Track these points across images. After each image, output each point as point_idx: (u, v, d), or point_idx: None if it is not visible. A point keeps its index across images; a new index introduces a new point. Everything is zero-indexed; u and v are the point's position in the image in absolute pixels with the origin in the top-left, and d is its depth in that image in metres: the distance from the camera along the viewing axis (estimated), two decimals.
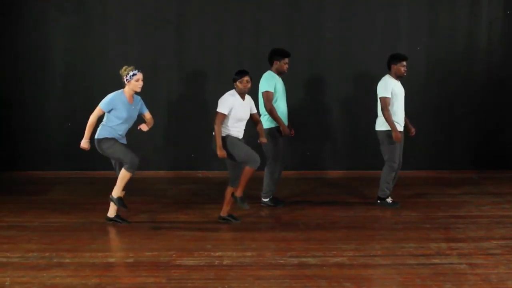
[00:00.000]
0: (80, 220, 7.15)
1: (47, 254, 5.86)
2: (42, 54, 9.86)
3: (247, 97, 6.98)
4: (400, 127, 7.78)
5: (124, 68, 6.82)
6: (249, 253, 5.87)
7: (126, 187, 6.85)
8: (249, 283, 5.11)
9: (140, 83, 6.80)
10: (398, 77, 7.79)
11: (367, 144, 9.96)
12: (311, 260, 5.68)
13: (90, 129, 6.76)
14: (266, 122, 7.64)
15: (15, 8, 9.76)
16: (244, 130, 7.01)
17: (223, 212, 7.08)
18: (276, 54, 7.72)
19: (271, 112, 7.56)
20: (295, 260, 5.68)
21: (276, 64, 7.71)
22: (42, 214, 7.44)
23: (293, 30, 9.87)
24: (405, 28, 9.91)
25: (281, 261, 5.66)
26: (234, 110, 6.80)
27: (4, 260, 5.70)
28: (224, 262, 5.63)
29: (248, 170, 6.76)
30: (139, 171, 8.79)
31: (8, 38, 9.80)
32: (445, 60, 9.97)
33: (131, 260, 5.72)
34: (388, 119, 7.60)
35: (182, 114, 9.97)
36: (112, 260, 5.75)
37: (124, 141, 6.92)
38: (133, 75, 6.75)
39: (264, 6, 9.85)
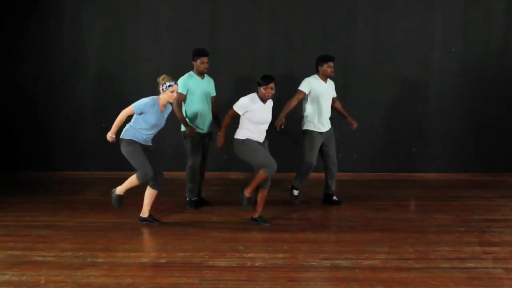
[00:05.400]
0: (114, 220, 7.24)
1: (81, 253, 5.94)
2: (76, 56, 9.99)
3: (269, 100, 7.02)
4: (323, 128, 7.80)
5: (162, 77, 6.85)
6: (281, 255, 5.87)
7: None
8: (281, 285, 5.10)
9: (175, 95, 6.88)
10: (326, 78, 7.81)
11: (399, 146, 9.90)
12: (343, 263, 5.65)
13: (118, 125, 6.85)
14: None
15: (50, 11, 9.93)
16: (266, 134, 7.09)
17: (255, 214, 7.09)
18: (194, 54, 7.73)
19: (176, 113, 7.58)
20: (327, 263, 5.66)
21: (195, 65, 7.73)
22: (76, 214, 7.54)
23: (326, 32, 9.82)
24: (440, 30, 9.79)
25: (313, 263, 5.64)
26: (252, 114, 6.84)
27: (40, 259, 5.80)
28: (256, 264, 5.64)
29: (261, 174, 6.84)
30: (172, 172, 8.93)
31: (43, 40, 9.96)
32: (480, 62, 9.82)
33: (164, 260, 5.77)
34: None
35: None
36: (145, 260, 5.81)
37: (150, 143, 6.99)
38: (169, 86, 6.80)
39: (297, 8, 9.82)
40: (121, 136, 6.90)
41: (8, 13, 9.93)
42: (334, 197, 8.04)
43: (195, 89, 7.69)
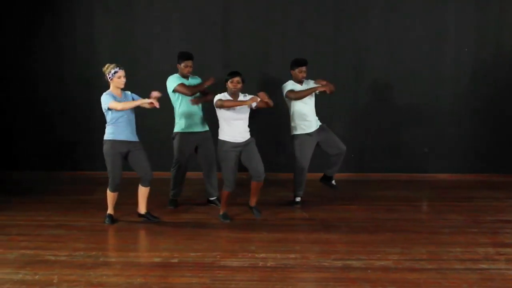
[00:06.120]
0: (126, 220, 7.27)
1: (93, 253, 5.97)
2: (87, 55, 10.02)
3: (240, 95, 7.05)
4: (311, 128, 7.73)
5: (106, 66, 7.00)
6: (292, 255, 5.88)
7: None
8: (292, 285, 5.11)
9: (123, 80, 6.99)
10: (299, 82, 7.75)
11: (411, 146, 9.86)
12: (355, 263, 5.64)
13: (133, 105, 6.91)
14: (176, 125, 7.78)
15: (62, 10, 9.98)
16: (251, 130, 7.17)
17: (251, 202, 7.40)
18: (179, 57, 7.78)
19: (193, 91, 7.61)
20: (339, 263, 5.65)
21: (179, 68, 7.78)
22: (89, 214, 7.58)
23: (338, 32, 9.80)
24: (453, 29, 9.74)
25: (325, 264, 5.64)
26: (225, 111, 6.91)
27: (52, 258, 5.84)
28: (268, 264, 5.65)
29: (222, 192, 7.18)
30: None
31: (53, 40, 10.02)
32: (493, 62, 9.76)
33: (175, 260, 5.78)
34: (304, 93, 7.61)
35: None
36: (157, 260, 5.82)
37: (136, 138, 7.05)
38: (115, 72, 6.95)
39: (308, 8, 9.81)
40: (104, 137, 6.99)
41: (19, 12, 9.98)
42: (333, 182, 8.11)
43: None
